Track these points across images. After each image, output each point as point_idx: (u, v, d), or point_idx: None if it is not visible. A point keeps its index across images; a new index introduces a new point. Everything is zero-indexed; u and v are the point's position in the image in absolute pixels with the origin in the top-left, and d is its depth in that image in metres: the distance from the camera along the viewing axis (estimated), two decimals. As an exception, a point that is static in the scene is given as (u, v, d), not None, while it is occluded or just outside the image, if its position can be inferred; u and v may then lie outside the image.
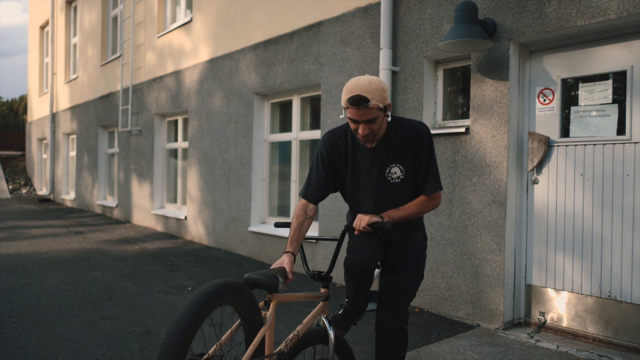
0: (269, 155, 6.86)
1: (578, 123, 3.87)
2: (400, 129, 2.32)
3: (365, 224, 2.23)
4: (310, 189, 2.42)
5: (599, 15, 3.54)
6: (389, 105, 2.24)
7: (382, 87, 2.17)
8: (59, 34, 14.50)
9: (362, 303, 2.52)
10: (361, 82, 2.17)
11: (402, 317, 2.47)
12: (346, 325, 2.50)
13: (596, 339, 3.72)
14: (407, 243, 2.44)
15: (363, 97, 2.12)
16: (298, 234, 2.36)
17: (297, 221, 2.38)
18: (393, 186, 2.36)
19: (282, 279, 2.07)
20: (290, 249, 2.32)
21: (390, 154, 2.33)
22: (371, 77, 2.19)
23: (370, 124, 2.20)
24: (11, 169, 19.18)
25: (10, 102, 53.37)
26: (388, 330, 2.45)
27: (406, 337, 2.50)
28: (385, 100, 2.19)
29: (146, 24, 9.52)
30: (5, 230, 8.94)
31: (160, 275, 5.81)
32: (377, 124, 2.21)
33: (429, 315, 4.46)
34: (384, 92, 2.17)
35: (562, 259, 3.93)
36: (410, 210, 2.32)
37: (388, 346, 2.45)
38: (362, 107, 2.14)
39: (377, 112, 2.17)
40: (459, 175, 4.36)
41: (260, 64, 6.61)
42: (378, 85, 2.17)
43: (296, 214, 2.42)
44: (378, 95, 2.15)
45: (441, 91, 4.73)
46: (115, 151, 11.30)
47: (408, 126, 2.33)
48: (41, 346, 3.60)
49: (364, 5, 5.19)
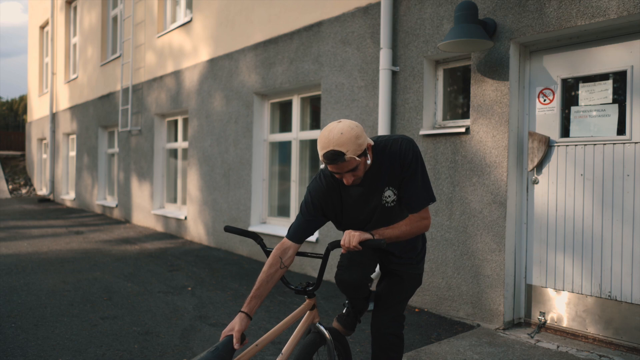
0: (269, 155, 6.86)
1: (578, 123, 3.87)
2: (386, 153, 2.21)
3: (356, 242, 2.06)
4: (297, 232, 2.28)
5: (599, 15, 3.54)
6: (368, 146, 2.13)
7: (355, 135, 2.02)
8: (58, 34, 14.50)
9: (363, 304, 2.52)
10: (332, 135, 2.02)
11: (397, 322, 2.45)
12: (352, 323, 2.50)
13: (596, 339, 3.72)
14: (410, 250, 2.42)
15: (337, 152, 2.00)
16: (262, 290, 2.14)
17: (267, 272, 2.17)
18: (390, 210, 2.28)
19: None
20: (246, 309, 2.08)
21: (381, 181, 2.24)
22: (342, 126, 2.04)
23: (353, 172, 2.10)
24: (11, 169, 19.18)
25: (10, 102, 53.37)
26: (385, 335, 2.43)
27: (402, 342, 2.48)
28: (361, 147, 2.05)
29: (146, 24, 9.52)
30: (5, 230, 8.94)
31: (160, 275, 5.81)
32: (360, 170, 2.11)
33: (429, 315, 4.46)
34: (357, 139, 2.02)
35: (562, 259, 3.92)
36: (401, 228, 2.19)
37: (384, 352, 2.45)
38: (339, 162, 2.04)
39: (355, 162, 2.06)
40: (459, 175, 4.36)
41: (260, 64, 6.61)
42: (350, 134, 2.01)
43: (269, 262, 2.21)
44: (352, 145, 2.01)
45: (441, 91, 4.72)
46: (115, 151, 11.30)
47: (392, 147, 2.21)
48: (41, 346, 3.60)
49: (364, 5, 5.19)
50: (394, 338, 2.44)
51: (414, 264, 2.44)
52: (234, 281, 5.57)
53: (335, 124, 2.07)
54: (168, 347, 3.61)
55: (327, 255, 2.28)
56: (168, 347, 3.61)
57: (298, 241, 2.27)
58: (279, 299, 4.94)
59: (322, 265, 2.27)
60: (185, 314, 4.38)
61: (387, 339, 2.43)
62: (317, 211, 2.29)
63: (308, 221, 2.30)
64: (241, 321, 2.05)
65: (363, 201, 2.29)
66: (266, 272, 2.17)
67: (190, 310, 4.51)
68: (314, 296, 2.37)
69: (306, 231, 2.30)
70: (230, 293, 5.10)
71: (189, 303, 4.72)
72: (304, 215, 2.30)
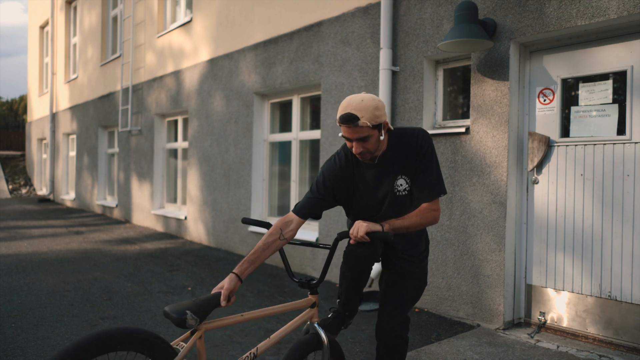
0: (269, 155, 6.86)
1: (578, 123, 3.87)
2: (403, 141, 2.27)
3: (364, 233, 2.09)
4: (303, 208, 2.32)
5: (599, 15, 3.54)
6: (384, 124, 2.18)
7: (374, 105, 2.11)
8: (58, 34, 14.50)
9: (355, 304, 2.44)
10: (353, 100, 2.13)
11: (404, 325, 2.42)
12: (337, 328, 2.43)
13: (596, 339, 3.72)
14: (413, 248, 2.41)
15: (353, 115, 2.09)
16: (258, 256, 2.15)
17: (266, 240, 2.20)
18: (401, 199, 2.31)
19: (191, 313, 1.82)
20: (237, 270, 2.09)
21: (395, 166, 2.28)
22: (365, 95, 2.15)
23: (363, 142, 2.15)
24: (11, 169, 19.18)
25: (10, 102, 53.37)
26: (390, 338, 2.39)
27: (406, 344, 2.45)
28: (378, 119, 2.12)
29: (146, 24, 9.52)
30: (5, 230, 8.94)
31: (160, 275, 5.81)
32: (371, 143, 2.16)
33: (429, 315, 4.46)
34: (376, 110, 2.11)
35: (562, 259, 3.93)
36: (411, 219, 2.22)
37: (390, 354, 2.42)
38: (352, 125, 2.10)
39: (368, 131, 2.12)
40: (459, 175, 4.36)
41: (260, 64, 6.61)
42: (370, 103, 2.11)
43: (269, 232, 2.24)
44: (369, 113, 2.10)
45: (441, 91, 4.72)
46: (115, 151, 11.30)
47: (409, 136, 2.28)
48: (41, 346, 3.60)
49: (364, 5, 5.19)
50: (399, 340, 2.41)
51: (416, 262, 2.42)
52: (234, 281, 5.56)
53: (359, 94, 2.17)
54: (168, 347, 3.61)
55: (335, 245, 2.28)
56: (168, 347, 3.61)
57: (303, 216, 2.30)
58: (279, 298, 4.94)
59: (329, 256, 2.26)
60: (185, 314, 4.38)
61: (394, 341, 2.39)
62: (327, 191, 2.33)
63: (317, 199, 2.33)
64: (230, 281, 2.05)
65: (375, 185, 2.31)
66: (264, 241, 2.20)
67: (190, 310, 4.51)
68: (317, 293, 2.34)
69: (313, 209, 2.33)
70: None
71: (189, 303, 4.72)
72: (313, 193, 2.34)
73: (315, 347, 2.28)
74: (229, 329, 3.99)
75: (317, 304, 2.34)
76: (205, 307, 1.89)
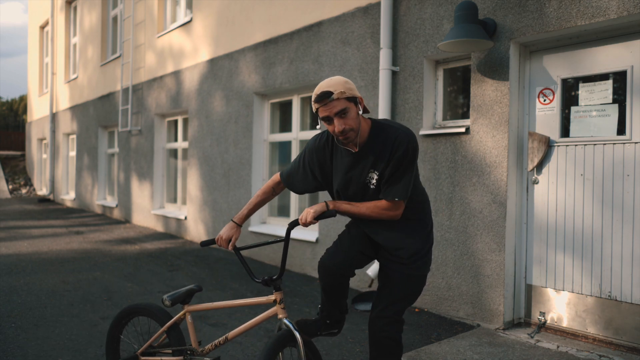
0: (269, 155, 6.86)
1: (578, 123, 3.87)
2: (382, 135, 2.26)
3: (312, 218, 2.24)
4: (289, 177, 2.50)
5: (599, 15, 3.54)
6: (359, 99, 2.24)
7: (344, 80, 2.21)
8: (59, 34, 14.50)
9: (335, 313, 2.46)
10: (323, 82, 2.23)
11: (392, 326, 2.35)
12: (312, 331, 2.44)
13: (596, 339, 3.72)
14: (401, 249, 2.35)
15: (325, 91, 2.16)
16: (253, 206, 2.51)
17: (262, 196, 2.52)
18: (373, 192, 2.31)
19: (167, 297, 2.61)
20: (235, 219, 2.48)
21: (369, 159, 2.28)
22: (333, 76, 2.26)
23: (343, 117, 2.17)
24: (11, 169, 19.18)
25: (10, 102, 53.37)
26: (378, 338, 2.36)
27: (399, 346, 2.38)
28: (351, 91, 2.19)
29: (146, 24, 9.52)
30: (5, 230, 8.94)
31: (160, 275, 5.81)
32: (351, 118, 2.18)
33: (429, 315, 4.46)
34: (346, 83, 2.19)
35: (562, 259, 3.93)
36: (360, 209, 2.30)
37: (381, 355, 2.38)
38: (328, 100, 2.16)
39: (344, 103, 2.17)
40: (459, 175, 4.36)
41: (260, 64, 6.61)
42: (339, 79, 2.20)
43: (264, 190, 2.53)
44: (340, 86, 2.17)
45: (441, 91, 4.72)
46: (115, 151, 11.30)
47: (389, 132, 2.26)
48: (41, 346, 3.60)
49: (364, 5, 5.19)
50: (390, 342, 2.35)
51: (406, 263, 2.35)
52: (233, 281, 5.57)
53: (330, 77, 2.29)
54: (168, 347, 3.61)
55: (288, 236, 2.36)
56: (168, 347, 3.61)
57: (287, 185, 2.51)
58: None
59: (284, 249, 2.35)
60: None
61: (383, 342, 2.35)
62: (305, 168, 2.45)
63: (299, 173, 2.47)
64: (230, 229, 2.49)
65: (349, 171, 2.34)
66: (260, 198, 2.52)
67: (190, 310, 4.51)
68: (280, 290, 2.38)
69: (295, 179, 2.49)
70: (231, 293, 5.10)
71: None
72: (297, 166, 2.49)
73: (287, 343, 2.31)
74: (229, 329, 3.99)
75: (280, 301, 2.37)
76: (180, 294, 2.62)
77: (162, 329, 2.66)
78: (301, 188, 2.50)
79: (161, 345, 2.72)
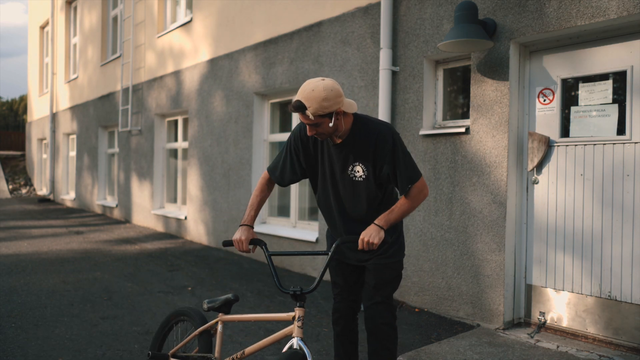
0: (269, 155, 6.86)
1: (578, 123, 3.87)
2: (363, 130, 2.36)
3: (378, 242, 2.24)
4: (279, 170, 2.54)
5: (599, 15, 3.54)
6: (339, 111, 2.23)
7: (323, 97, 2.15)
8: (59, 34, 14.50)
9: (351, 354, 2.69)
10: (306, 88, 2.20)
11: (389, 312, 2.51)
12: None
13: (596, 339, 3.72)
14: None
15: (301, 104, 2.17)
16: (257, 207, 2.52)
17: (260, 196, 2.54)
18: (357, 184, 2.41)
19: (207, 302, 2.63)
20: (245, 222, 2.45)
21: (352, 152, 2.38)
22: (317, 84, 2.17)
23: (314, 127, 2.24)
24: (11, 169, 19.18)
25: (10, 102, 53.38)
26: (378, 326, 2.49)
27: (395, 332, 2.53)
28: (326, 109, 2.17)
29: (146, 24, 9.52)
30: (5, 230, 8.94)
31: (160, 275, 5.81)
32: (323, 128, 2.24)
33: (429, 315, 4.46)
34: (324, 101, 2.15)
35: (562, 259, 3.93)
36: (402, 208, 2.36)
37: (378, 341, 2.50)
38: (300, 113, 2.21)
39: (317, 119, 2.20)
40: (459, 175, 4.36)
41: (260, 64, 6.61)
42: (319, 94, 2.14)
43: (260, 188, 2.56)
44: (316, 104, 2.15)
45: (441, 91, 4.72)
46: (115, 151, 11.30)
47: (369, 128, 2.36)
48: (41, 346, 3.60)
49: (364, 5, 5.19)
50: (387, 328, 2.49)
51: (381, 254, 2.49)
52: (234, 281, 5.57)
53: (316, 81, 2.21)
54: (168, 347, 3.62)
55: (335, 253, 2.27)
56: (168, 347, 3.62)
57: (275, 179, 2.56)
58: (279, 299, 4.94)
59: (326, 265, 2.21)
60: (185, 314, 4.38)
61: (381, 328, 2.48)
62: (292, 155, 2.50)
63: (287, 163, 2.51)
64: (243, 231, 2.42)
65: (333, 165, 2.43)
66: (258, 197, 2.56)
67: (190, 310, 4.51)
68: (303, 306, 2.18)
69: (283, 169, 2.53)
70: (231, 293, 5.09)
71: (189, 303, 4.72)
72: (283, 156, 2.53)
73: None
74: (229, 329, 3.99)
75: (299, 318, 2.17)
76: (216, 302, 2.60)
77: (194, 334, 2.65)
78: (288, 178, 2.55)
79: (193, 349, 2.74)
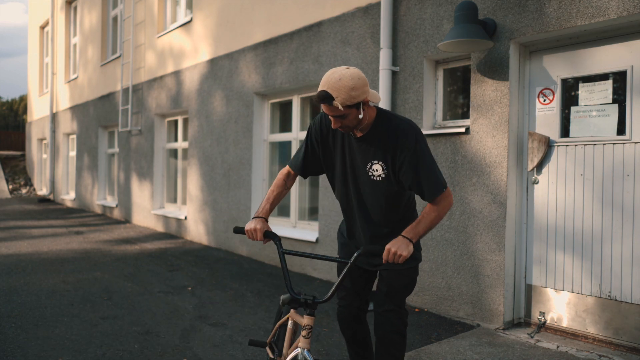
0: (269, 155, 6.86)
1: (578, 123, 3.87)
2: (385, 126, 2.23)
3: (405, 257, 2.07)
4: (299, 163, 2.45)
5: (599, 15, 3.54)
6: (365, 100, 2.12)
7: (351, 86, 2.03)
8: (59, 34, 14.50)
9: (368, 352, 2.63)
10: (332, 77, 2.06)
11: (400, 319, 2.45)
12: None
13: (596, 339, 3.72)
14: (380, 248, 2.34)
15: (327, 95, 2.04)
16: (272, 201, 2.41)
17: (276, 191, 2.43)
18: (375, 183, 2.29)
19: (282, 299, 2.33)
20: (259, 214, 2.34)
21: (372, 149, 2.25)
22: (343, 73, 2.06)
23: (340, 119, 2.12)
24: (11, 169, 19.18)
25: (10, 102, 53.39)
26: (388, 333, 2.44)
27: (404, 339, 2.48)
28: (354, 99, 2.05)
29: (146, 24, 9.52)
30: (5, 230, 8.94)
31: (160, 275, 5.81)
32: (349, 120, 2.12)
33: (429, 315, 4.46)
34: (352, 90, 2.03)
35: (562, 259, 3.93)
36: (429, 218, 2.19)
37: (387, 349, 2.46)
38: (326, 104, 2.08)
39: (345, 110, 2.07)
40: (459, 175, 4.36)
41: (260, 64, 6.61)
42: (347, 83, 2.03)
43: (277, 183, 2.45)
44: (344, 94, 2.03)
45: (441, 91, 4.72)
46: (115, 151, 11.30)
47: (392, 125, 2.22)
48: (41, 346, 3.60)
49: (364, 5, 5.19)
50: (397, 336, 2.44)
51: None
52: (234, 281, 5.57)
53: (342, 69, 2.10)
54: (168, 347, 3.62)
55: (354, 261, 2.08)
56: (168, 347, 3.62)
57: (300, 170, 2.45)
58: (280, 299, 4.94)
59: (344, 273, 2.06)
60: (185, 314, 4.38)
61: (390, 337, 2.44)
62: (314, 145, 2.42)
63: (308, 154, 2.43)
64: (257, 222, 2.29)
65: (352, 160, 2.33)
66: (275, 192, 2.43)
67: (190, 310, 4.51)
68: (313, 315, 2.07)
69: (305, 160, 2.44)
70: (231, 293, 5.10)
71: (189, 303, 4.72)
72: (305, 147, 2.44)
73: None
74: (229, 329, 3.99)
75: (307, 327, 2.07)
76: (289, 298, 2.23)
77: (276, 327, 2.56)
78: (312, 169, 2.45)
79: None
